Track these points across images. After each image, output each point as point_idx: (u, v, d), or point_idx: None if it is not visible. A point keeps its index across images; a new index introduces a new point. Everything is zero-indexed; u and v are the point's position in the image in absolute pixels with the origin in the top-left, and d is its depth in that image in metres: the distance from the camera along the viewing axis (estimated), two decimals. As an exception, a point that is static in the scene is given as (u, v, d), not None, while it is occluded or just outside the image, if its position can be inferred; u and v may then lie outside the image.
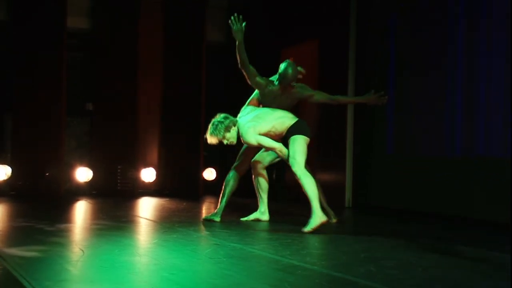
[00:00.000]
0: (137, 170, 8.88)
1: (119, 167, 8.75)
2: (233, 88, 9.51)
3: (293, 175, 5.53)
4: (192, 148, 9.07)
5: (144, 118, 9.07)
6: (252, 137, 5.58)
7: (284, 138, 5.62)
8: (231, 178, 6.06)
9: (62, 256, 4.03)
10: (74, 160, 8.78)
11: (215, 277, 3.55)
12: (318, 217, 5.33)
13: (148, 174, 9.08)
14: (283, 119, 5.64)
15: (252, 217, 6.12)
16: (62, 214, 6.66)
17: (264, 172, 6.11)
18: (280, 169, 8.41)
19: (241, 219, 6.09)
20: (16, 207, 7.12)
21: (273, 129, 5.61)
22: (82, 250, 4.25)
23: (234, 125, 5.68)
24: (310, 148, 8.31)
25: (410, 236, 5.38)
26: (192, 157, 9.03)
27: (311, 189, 5.41)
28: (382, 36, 7.61)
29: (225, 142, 5.69)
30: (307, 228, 5.30)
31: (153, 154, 9.35)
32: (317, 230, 5.28)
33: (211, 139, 5.70)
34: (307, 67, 8.38)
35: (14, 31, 8.31)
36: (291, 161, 5.49)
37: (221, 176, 9.06)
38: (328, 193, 7.95)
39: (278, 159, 6.07)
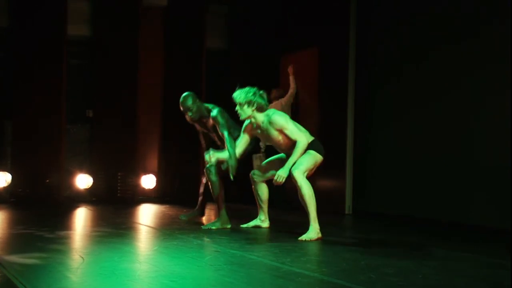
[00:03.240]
0: (137, 177, 8.88)
1: (119, 173, 8.75)
2: (231, 92, 9.52)
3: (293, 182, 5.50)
4: (192, 155, 9.09)
5: (144, 125, 9.07)
6: (283, 118, 5.51)
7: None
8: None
9: (62, 263, 4.02)
10: (74, 167, 8.78)
11: (216, 284, 3.54)
12: (315, 232, 5.35)
13: (148, 181, 9.08)
14: (305, 134, 5.59)
15: (252, 224, 6.11)
16: (62, 221, 6.66)
17: (264, 183, 6.02)
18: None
19: (241, 226, 6.09)
20: (16, 214, 7.11)
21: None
22: (82, 257, 4.25)
23: (263, 111, 5.57)
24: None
25: (411, 243, 5.38)
26: (192, 164, 9.04)
27: (310, 200, 5.38)
28: (382, 44, 7.63)
29: (243, 107, 5.51)
30: (303, 238, 5.31)
31: (153, 160, 9.35)
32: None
33: (240, 97, 5.53)
34: (307, 74, 8.46)
35: (14, 38, 8.32)
36: (293, 168, 5.42)
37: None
38: (328, 200, 7.99)
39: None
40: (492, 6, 6.32)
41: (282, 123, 5.51)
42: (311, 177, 5.72)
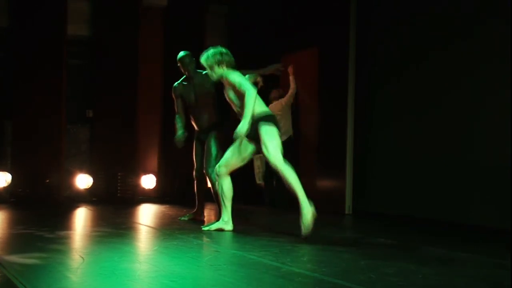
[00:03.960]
0: (137, 177, 8.88)
1: (119, 173, 8.76)
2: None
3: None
4: (192, 154, 9.08)
5: (144, 125, 9.07)
6: (236, 75, 5.51)
7: (253, 124, 5.39)
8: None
9: (62, 263, 4.02)
10: (74, 167, 8.78)
11: (216, 284, 3.54)
12: (308, 212, 5.15)
13: (148, 181, 9.09)
14: (258, 101, 5.52)
15: (214, 226, 5.76)
16: (62, 221, 6.66)
17: (229, 178, 5.72)
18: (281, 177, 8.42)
19: (202, 227, 5.85)
20: (16, 214, 7.11)
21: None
22: (82, 257, 4.25)
23: (226, 67, 5.61)
24: (310, 155, 8.37)
25: (411, 243, 5.38)
26: (192, 164, 9.03)
27: (294, 180, 5.24)
28: (382, 44, 7.62)
29: (214, 70, 5.65)
30: (304, 231, 5.16)
31: (153, 160, 9.35)
32: (320, 237, 5.27)
33: (208, 60, 5.66)
34: (307, 74, 8.45)
35: (14, 38, 8.33)
36: (265, 151, 5.32)
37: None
38: (328, 200, 7.99)
39: (243, 164, 5.77)
40: (492, 6, 6.31)
41: (231, 79, 5.51)
42: (311, 176, 5.72)
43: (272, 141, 5.34)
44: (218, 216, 6.11)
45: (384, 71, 7.59)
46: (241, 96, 5.50)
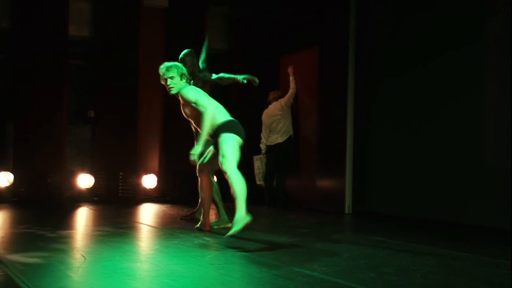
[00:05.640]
0: (139, 177, 8.89)
1: (120, 173, 8.77)
2: (233, 94, 9.54)
3: (295, 182, 5.49)
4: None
5: (145, 124, 9.09)
6: (193, 93, 5.39)
7: (213, 136, 5.36)
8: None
9: (64, 263, 4.04)
10: (76, 166, 8.80)
11: (216, 284, 3.56)
12: (241, 219, 4.96)
13: (149, 181, 9.10)
14: (218, 114, 5.40)
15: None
16: (64, 220, 6.68)
17: (213, 179, 5.84)
18: (281, 177, 8.43)
19: (214, 226, 5.93)
20: (18, 214, 7.13)
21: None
22: (84, 257, 4.27)
23: (185, 80, 5.54)
24: (310, 155, 8.38)
25: (410, 243, 5.39)
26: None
27: (239, 189, 5.06)
28: (382, 44, 7.64)
29: (168, 82, 5.54)
30: (229, 233, 4.98)
31: (154, 160, 9.36)
32: (320, 237, 5.28)
33: (164, 69, 5.60)
34: (307, 74, 8.47)
35: (16, 39, 8.34)
36: (221, 159, 5.19)
37: (220, 183, 9.08)
38: (328, 200, 8.00)
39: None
40: (491, 5, 6.32)
41: (189, 97, 5.38)
42: (311, 176, 5.73)
43: (228, 149, 5.20)
44: (217, 216, 6.16)
45: (384, 70, 7.60)
46: (198, 113, 5.40)
